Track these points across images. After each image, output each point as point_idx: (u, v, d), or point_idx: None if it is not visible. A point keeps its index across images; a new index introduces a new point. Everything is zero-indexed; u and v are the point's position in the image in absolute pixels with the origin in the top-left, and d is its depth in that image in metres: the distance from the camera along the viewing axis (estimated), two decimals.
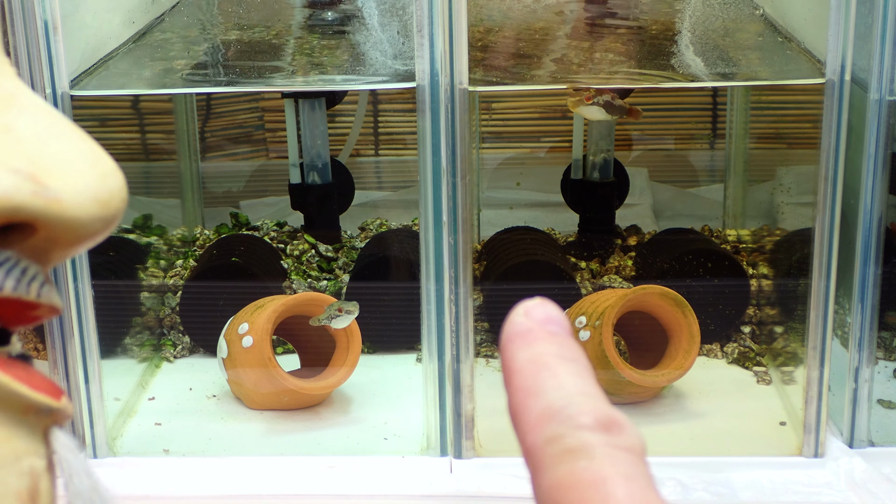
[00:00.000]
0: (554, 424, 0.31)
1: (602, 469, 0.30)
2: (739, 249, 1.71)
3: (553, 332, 0.34)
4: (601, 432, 0.31)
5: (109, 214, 0.35)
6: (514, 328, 0.34)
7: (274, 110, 2.00)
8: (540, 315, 0.34)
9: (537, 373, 0.33)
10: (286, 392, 1.40)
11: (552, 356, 0.33)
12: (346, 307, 1.38)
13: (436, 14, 1.19)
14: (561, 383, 0.32)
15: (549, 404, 0.32)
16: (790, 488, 1.28)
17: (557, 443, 0.31)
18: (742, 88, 1.75)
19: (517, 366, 0.33)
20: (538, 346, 0.33)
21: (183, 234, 1.81)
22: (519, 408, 0.33)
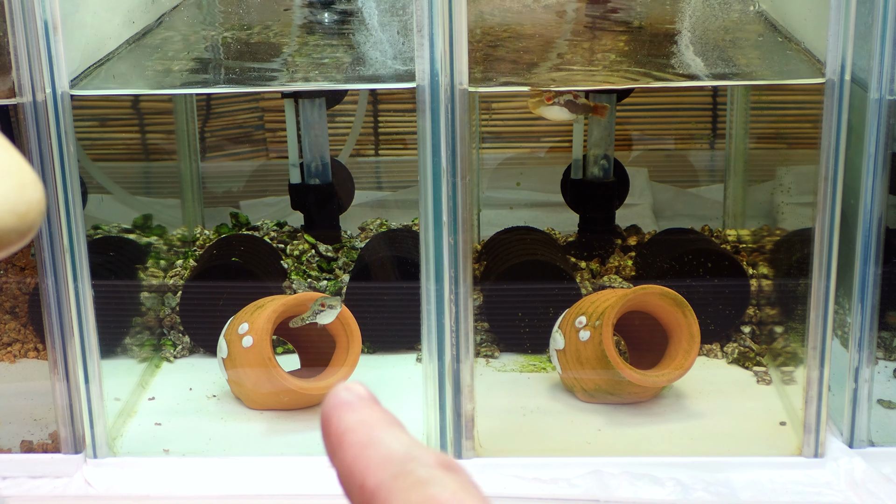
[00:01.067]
0: (400, 464, 0.34)
1: (456, 491, 0.33)
2: (739, 249, 1.71)
3: (374, 404, 0.37)
4: (445, 470, 0.34)
5: (25, 227, 0.35)
6: (337, 399, 0.37)
7: (274, 110, 2.00)
8: (360, 391, 0.37)
9: (370, 430, 0.35)
10: (286, 392, 1.40)
11: (380, 419, 0.36)
12: (328, 302, 1.38)
13: (436, 14, 1.19)
14: (396, 436, 0.35)
15: (390, 451, 0.35)
16: (790, 488, 1.28)
17: (407, 476, 0.33)
18: (742, 88, 1.75)
19: (348, 426, 0.36)
20: (365, 412, 0.36)
21: (183, 234, 1.81)
22: (356, 459, 0.35)
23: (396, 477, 0.34)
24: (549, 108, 1.35)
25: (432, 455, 0.35)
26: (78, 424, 1.32)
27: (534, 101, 1.35)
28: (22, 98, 1.22)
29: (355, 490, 0.35)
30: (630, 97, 1.83)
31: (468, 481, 0.34)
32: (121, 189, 1.76)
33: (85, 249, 1.27)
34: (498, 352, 1.56)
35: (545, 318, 1.51)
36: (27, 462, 1.34)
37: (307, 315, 1.39)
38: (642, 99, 1.98)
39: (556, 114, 1.36)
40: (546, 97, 1.35)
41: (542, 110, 1.36)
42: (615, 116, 1.68)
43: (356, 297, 1.54)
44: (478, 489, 0.34)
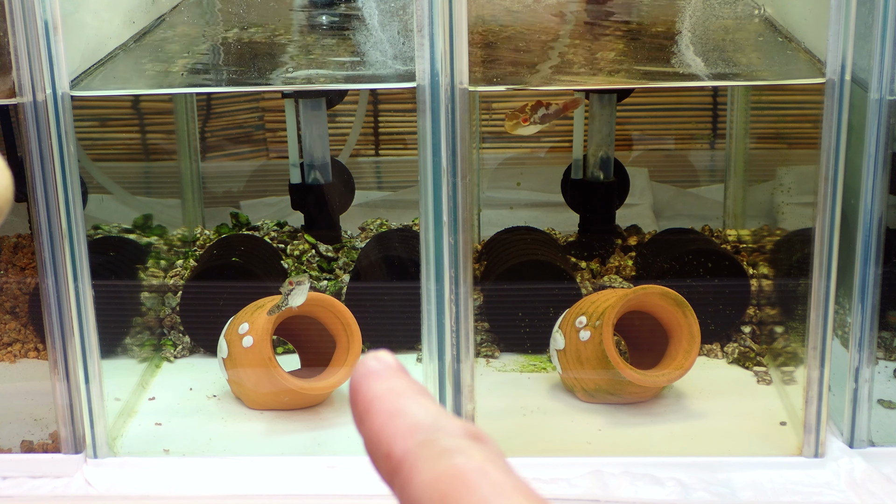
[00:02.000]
0: (426, 432, 0.34)
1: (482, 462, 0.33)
2: (739, 249, 1.71)
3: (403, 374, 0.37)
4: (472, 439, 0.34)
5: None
6: (366, 368, 0.37)
7: (274, 110, 2.00)
8: (388, 360, 0.37)
9: (398, 398, 0.36)
10: (286, 392, 1.40)
11: (408, 388, 0.36)
12: (295, 280, 1.39)
13: (436, 14, 1.19)
14: (423, 405, 0.36)
15: (417, 420, 0.35)
16: (790, 488, 1.28)
17: (433, 445, 0.34)
18: (742, 88, 1.75)
19: (377, 394, 0.36)
20: (393, 381, 0.37)
21: (183, 234, 1.81)
22: (383, 427, 0.35)
23: (422, 445, 0.34)
24: (525, 129, 1.36)
25: (460, 425, 0.35)
26: (78, 424, 1.32)
27: (511, 124, 1.36)
28: (22, 98, 1.22)
29: (382, 458, 0.35)
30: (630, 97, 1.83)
31: (495, 452, 0.34)
32: (121, 189, 1.76)
33: (85, 249, 1.27)
34: (498, 352, 1.56)
35: (545, 318, 1.51)
36: (27, 462, 1.34)
37: (281, 301, 1.39)
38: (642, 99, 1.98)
39: (533, 130, 1.37)
40: (522, 119, 1.36)
41: (519, 131, 1.37)
42: (615, 116, 1.68)
43: (356, 297, 1.54)
44: (503, 460, 0.34)
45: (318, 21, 1.55)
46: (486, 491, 0.32)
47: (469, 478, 0.33)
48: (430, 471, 0.33)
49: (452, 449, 0.34)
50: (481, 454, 0.34)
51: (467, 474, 0.33)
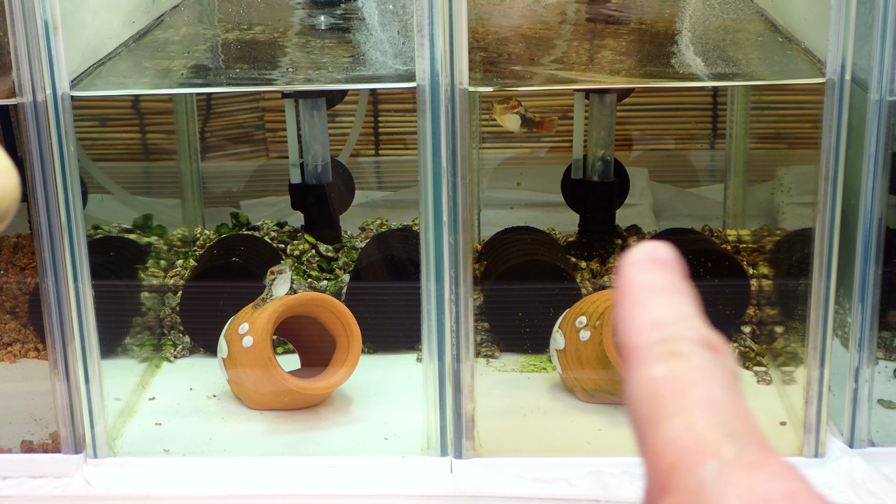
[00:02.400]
0: (664, 331, 0.35)
1: (702, 372, 0.34)
2: (739, 249, 1.71)
3: (670, 269, 0.38)
4: (705, 348, 0.35)
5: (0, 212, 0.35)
6: (635, 257, 0.38)
7: (274, 110, 2.00)
8: (660, 254, 0.38)
9: (652, 293, 0.37)
10: (286, 392, 1.40)
11: (668, 285, 0.37)
12: (277, 269, 1.39)
13: (436, 14, 1.19)
14: (673, 305, 0.36)
15: (662, 317, 0.36)
16: None
17: (664, 345, 0.35)
18: (742, 88, 1.75)
19: (636, 283, 0.37)
20: (656, 275, 0.37)
21: (183, 234, 1.81)
22: (630, 315, 0.36)
23: (654, 344, 0.35)
24: (511, 116, 1.36)
25: (700, 331, 0.36)
26: (78, 424, 1.32)
27: (502, 107, 1.37)
28: (22, 98, 1.22)
29: (620, 346, 0.36)
30: (630, 97, 1.83)
31: (725, 364, 0.35)
32: (121, 189, 1.76)
33: (85, 249, 1.27)
34: (498, 352, 1.56)
35: (545, 318, 1.51)
36: (27, 462, 1.34)
37: (265, 293, 1.39)
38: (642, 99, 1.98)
39: (514, 123, 1.38)
40: (511, 105, 1.37)
41: (506, 117, 1.37)
42: (615, 116, 1.68)
43: (356, 297, 1.54)
44: (731, 376, 0.35)
45: (319, 21, 1.55)
46: (692, 399, 0.33)
47: (681, 383, 0.33)
48: (651, 369, 0.34)
49: (679, 352, 0.34)
50: (707, 362, 0.34)
51: (682, 379, 0.34)
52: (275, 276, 1.39)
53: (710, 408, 0.33)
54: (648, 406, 0.33)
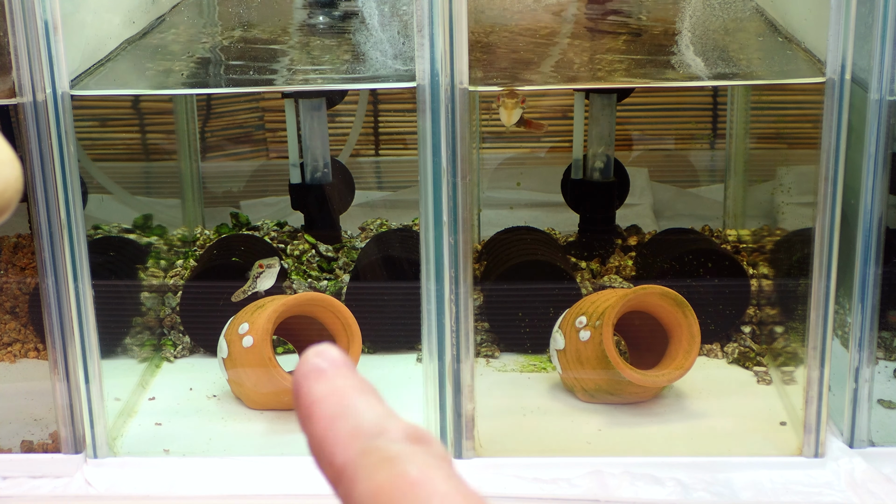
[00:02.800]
0: (367, 439, 0.33)
1: (423, 470, 0.32)
2: (739, 249, 1.71)
3: (346, 370, 0.36)
4: (414, 444, 0.33)
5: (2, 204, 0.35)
6: (308, 367, 0.36)
7: (274, 110, 2.00)
8: (333, 356, 0.36)
9: (340, 400, 0.35)
10: (286, 392, 1.40)
11: (351, 388, 0.35)
12: (266, 262, 1.39)
13: (436, 14, 1.19)
14: (366, 407, 0.34)
15: (359, 424, 0.34)
16: (790, 488, 1.28)
17: (374, 453, 0.33)
18: (742, 88, 1.75)
19: (318, 397, 0.35)
20: (336, 381, 0.35)
21: (183, 234, 1.81)
22: (325, 432, 0.34)
23: (364, 454, 0.33)
24: (517, 111, 1.37)
25: (403, 427, 0.34)
26: (78, 424, 1.32)
27: (511, 102, 1.36)
28: (22, 98, 1.22)
29: (325, 464, 0.34)
30: (630, 97, 1.83)
31: (438, 454, 0.33)
32: (121, 189, 1.76)
33: (85, 249, 1.27)
34: (498, 352, 1.56)
35: (545, 318, 1.51)
36: (27, 462, 1.34)
37: (248, 285, 1.39)
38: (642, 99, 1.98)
39: (515, 118, 1.38)
40: (520, 100, 1.37)
41: (514, 113, 1.37)
42: (615, 116, 1.68)
43: (356, 297, 1.54)
44: (448, 463, 0.33)
45: (319, 21, 1.55)
46: (427, 500, 0.32)
47: (410, 487, 0.32)
48: (371, 480, 0.32)
49: (394, 457, 0.33)
50: (424, 459, 0.33)
51: (409, 483, 0.32)
52: (262, 269, 1.39)
53: (447, 501, 0.32)
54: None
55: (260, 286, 1.39)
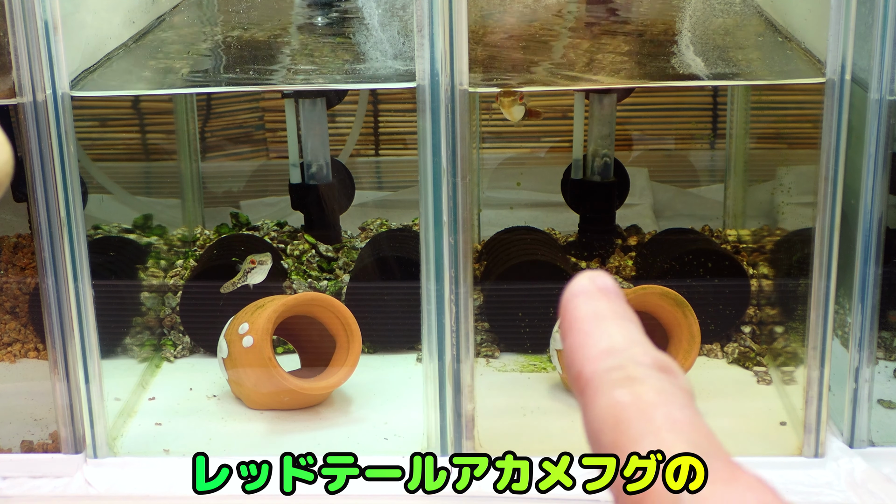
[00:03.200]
0: (616, 358, 0.35)
1: (661, 395, 0.34)
2: (739, 249, 1.71)
3: (614, 296, 0.38)
4: (659, 371, 0.35)
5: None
6: (579, 287, 0.38)
7: (274, 110, 2.00)
8: (603, 282, 0.38)
9: (600, 321, 0.37)
10: (286, 392, 1.40)
11: (611, 312, 0.37)
12: (258, 258, 1.39)
13: (436, 14, 1.19)
14: (622, 331, 0.36)
15: (612, 344, 0.36)
16: (790, 488, 1.28)
17: (619, 371, 0.35)
18: (742, 88, 1.75)
19: (581, 314, 0.37)
20: (601, 303, 0.37)
21: (183, 234, 1.81)
22: (579, 345, 0.36)
23: (609, 370, 0.35)
24: (518, 108, 1.37)
25: (652, 355, 0.36)
26: (78, 424, 1.32)
27: (509, 100, 1.37)
28: (22, 98, 1.22)
29: (574, 376, 0.36)
30: (630, 97, 1.83)
31: (681, 386, 0.35)
32: (121, 189, 1.76)
33: (85, 249, 1.27)
34: (498, 352, 1.56)
35: (545, 318, 1.51)
36: (27, 462, 1.34)
37: (238, 278, 1.39)
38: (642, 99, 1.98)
39: (518, 114, 1.39)
40: (518, 97, 1.37)
41: (513, 109, 1.38)
42: (615, 116, 1.68)
43: (356, 297, 1.54)
44: (689, 395, 0.35)
45: (318, 21, 1.55)
46: (657, 422, 0.33)
47: (645, 407, 0.33)
48: (610, 396, 0.34)
49: (635, 377, 0.34)
50: (664, 384, 0.34)
51: (644, 403, 0.34)
52: (255, 265, 1.39)
53: (675, 428, 0.33)
54: (612, 432, 0.34)
55: (250, 280, 1.39)
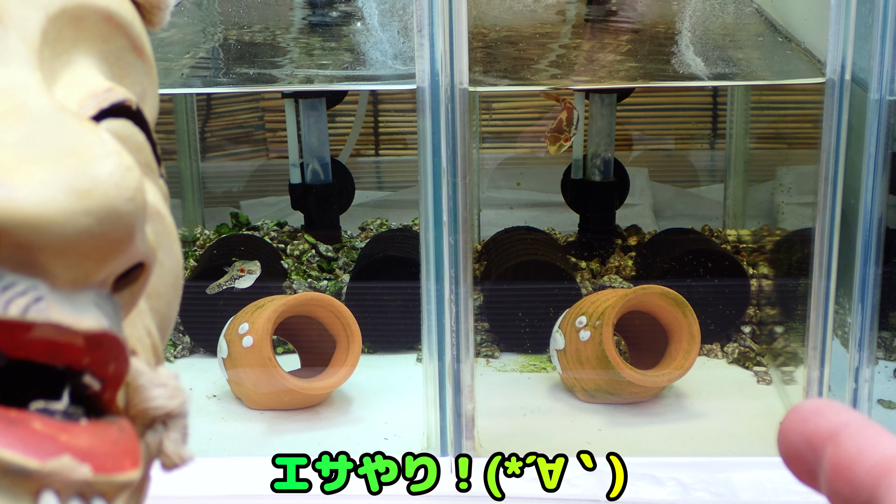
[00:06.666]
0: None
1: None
2: (739, 249, 1.71)
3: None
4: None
5: (94, 205, 0.29)
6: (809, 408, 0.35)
7: (274, 110, 2.00)
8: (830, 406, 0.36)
9: (864, 429, 0.34)
10: (286, 392, 1.40)
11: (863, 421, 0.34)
12: (248, 267, 1.39)
13: (436, 14, 1.19)
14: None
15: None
16: (790, 488, 1.28)
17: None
18: (742, 88, 1.75)
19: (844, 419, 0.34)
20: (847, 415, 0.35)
21: (183, 234, 1.81)
22: (856, 455, 0.33)
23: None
24: (560, 146, 1.37)
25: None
26: None
27: (555, 148, 1.38)
28: None
29: (847, 485, 0.33)
30: (630, 97, 1.83)
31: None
32: None
33: None
34: (498, 352, 1.56)
35: (545, 318, 1.51)
36: None
37: (224, 280, 1.39)
38: (642, 99, 1.98)
39: (561, 150, 1.39)
40: (564, 138, 1.37)
41: (558, 147, 1.38)
42: (615, 116, 1.68)
43: (356, 297, 1.54)
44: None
45: (318, 21, 1.55)
46: None
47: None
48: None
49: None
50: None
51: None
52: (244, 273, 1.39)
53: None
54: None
55: (237, 285, 1.39)
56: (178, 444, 0.35)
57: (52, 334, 0.29)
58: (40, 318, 0.29)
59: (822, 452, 0.34)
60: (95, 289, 0.31)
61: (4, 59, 0.32)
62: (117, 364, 0.32)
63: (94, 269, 0.30)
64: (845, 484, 0.33)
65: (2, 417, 0.29)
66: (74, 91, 0.35)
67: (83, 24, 0.36)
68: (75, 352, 0.30)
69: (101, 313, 0.31)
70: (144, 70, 0.39)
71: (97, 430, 0.31)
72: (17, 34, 0.33)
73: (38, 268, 0.29)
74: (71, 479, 0.29)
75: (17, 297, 0.28)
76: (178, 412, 0.35)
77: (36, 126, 0.30)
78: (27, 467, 0.28)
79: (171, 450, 0.35)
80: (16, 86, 0.31)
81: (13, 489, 0.28)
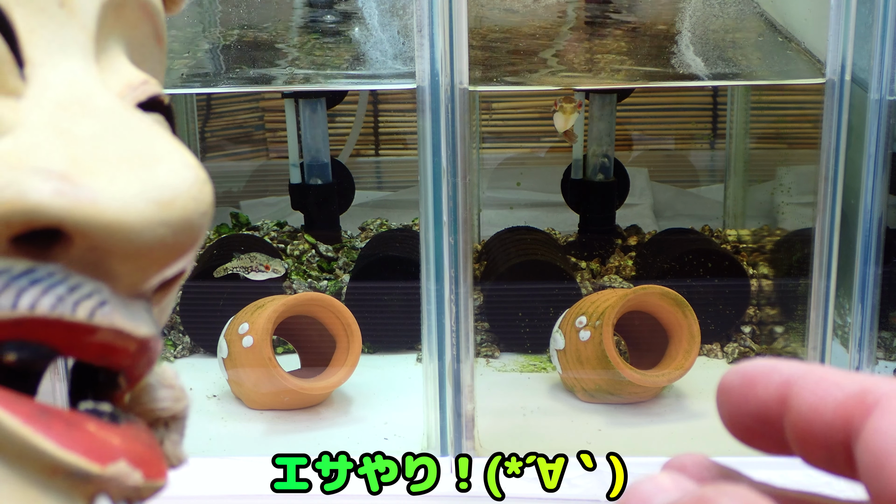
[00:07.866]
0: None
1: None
2: (739, 249, 1.71)
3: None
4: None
5: (173, 217, 0.29)
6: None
7: (274, 110, 2.00)
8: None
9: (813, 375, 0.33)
10: (286, 392, 1.40)
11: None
12: (273, 265, 1.39)
13: (436, 14, 1.19)
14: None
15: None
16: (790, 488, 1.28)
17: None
18: (742, 88, 1.75)
19: None
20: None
21: None
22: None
23: None
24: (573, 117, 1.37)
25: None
26: None
27: (571, 106, 1.37)
28: None
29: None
30: (630, 97, 1.83)
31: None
32: None
33: None
34: (498, 352, 1.56)
35: (545, 318, 1.51)
36: None
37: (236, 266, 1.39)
38: (642, 99, 1.98)
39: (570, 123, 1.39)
40: (578, 104, 1.37)
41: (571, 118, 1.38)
42: (615, 116, 1.68)
43: (356, 297, 1.54)
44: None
45: (318, 21, 1.55)
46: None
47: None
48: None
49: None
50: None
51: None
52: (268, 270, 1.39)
53: None
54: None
55: (251, 277, 1.39)
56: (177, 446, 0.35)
57: (111, 339, 0.29)
58: (105, 323, 0.29)
59: (781, 413, 0.33)
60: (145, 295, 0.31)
61: (68, 51, 0.32)
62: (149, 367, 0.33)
63: (154, 277, 0.30)
64: (819, 428, 0.31)
65: (59, 417, 0.29)
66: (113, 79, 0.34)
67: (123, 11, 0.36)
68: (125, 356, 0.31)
69: (151, 320, 0.31)
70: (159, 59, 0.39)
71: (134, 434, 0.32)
72: (78, 23, 0.33)
73: (105, 271, 0.29)
74: (126, 484, 0.29)
75: (83, 300, 0.29)
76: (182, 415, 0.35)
77: (105, 123, 0.30)
78: (89, 471, 0.28)
79: (171, 451, 0.35)
80: (78, 78, 0.31)
81: (70, 492, 0.28)
